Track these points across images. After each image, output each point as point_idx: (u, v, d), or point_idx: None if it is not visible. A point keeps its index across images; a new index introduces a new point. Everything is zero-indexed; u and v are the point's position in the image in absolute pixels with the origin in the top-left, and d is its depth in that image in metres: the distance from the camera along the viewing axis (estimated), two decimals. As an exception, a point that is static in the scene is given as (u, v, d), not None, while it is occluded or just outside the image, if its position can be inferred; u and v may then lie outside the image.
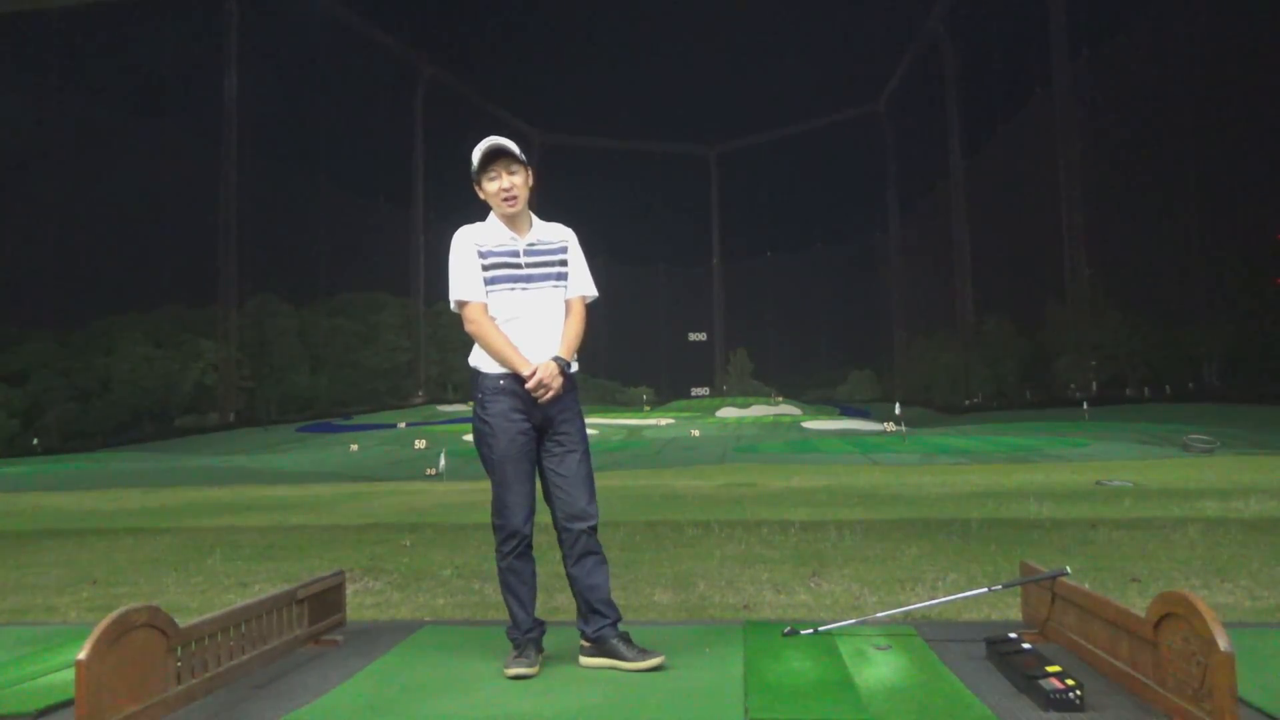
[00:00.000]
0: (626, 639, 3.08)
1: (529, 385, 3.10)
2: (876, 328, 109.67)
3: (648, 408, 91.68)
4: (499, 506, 3.16)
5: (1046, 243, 71.14)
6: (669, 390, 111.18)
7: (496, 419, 3.16)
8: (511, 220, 3.27)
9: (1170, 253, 58.30)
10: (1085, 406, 54.03)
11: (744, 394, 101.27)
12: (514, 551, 3.15)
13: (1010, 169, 77.77)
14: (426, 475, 29.23)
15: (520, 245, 3.26)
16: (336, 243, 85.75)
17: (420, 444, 42.42)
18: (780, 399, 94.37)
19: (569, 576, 3.19)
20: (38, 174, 66.24)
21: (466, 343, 3.29)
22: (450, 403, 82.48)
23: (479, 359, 3.25)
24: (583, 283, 3.35)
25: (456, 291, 3.23)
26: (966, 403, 78.82)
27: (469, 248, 3.24)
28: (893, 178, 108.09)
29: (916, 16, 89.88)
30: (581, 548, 3.14)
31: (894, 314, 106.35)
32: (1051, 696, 2.45)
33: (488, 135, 3.24)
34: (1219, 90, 53.90)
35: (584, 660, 3.11)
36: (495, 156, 3.22)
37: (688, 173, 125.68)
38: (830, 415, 76.82)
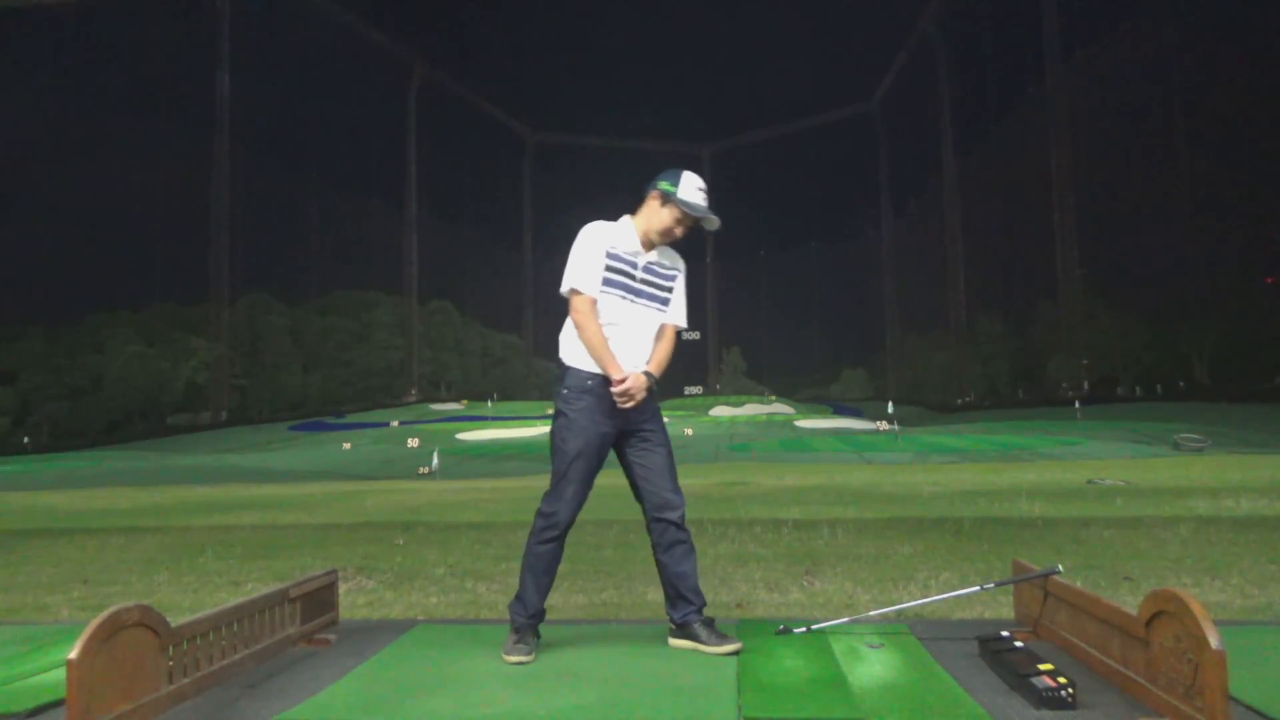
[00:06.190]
0: (709, 624, 3.23)
1: (615, 390, 3.22)
2: (870, 326, 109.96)
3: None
4: (556, 496, 3.26)
5: (1039, 242, 71.39)
6: (662, 389, 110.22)
7: (580, 415, 3.28)
8: (647, 240, 3.40)
9: (1162, 252, 58.54)
10: (1077, 405, 54.18)
11: (737, 392, 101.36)
12: (552, 540, 3.26)
13: (1002, 168, 78.00)
14: (419, 474, 29.22)
15: (641, 261, 3.39)
16: (329, 241, 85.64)
17: (413, 442, 42.38)
18: (773, 398, 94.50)
19: (658, 564, 3.33)
20: (28, 171, 65.90)
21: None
22: (443, 401, 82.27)
23: (571, 355, 3.34)
24: (679, 313, 3.50)
25: (573, 279, 3.31)
26: (959, 401, 79.08)
27: (600, 245, 3.33)
28: (886, 177, 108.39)
29: (909, 16, 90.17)
30: (671, 537, 3.28)
31: (887, 313, 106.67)
32: (1044, 694, 2.45)
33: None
34: (1210, 90, 54.16)
35: (671, 642, 3.29)
36: (698, 223, 3.37)
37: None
38: (823, 414, 76.98)
